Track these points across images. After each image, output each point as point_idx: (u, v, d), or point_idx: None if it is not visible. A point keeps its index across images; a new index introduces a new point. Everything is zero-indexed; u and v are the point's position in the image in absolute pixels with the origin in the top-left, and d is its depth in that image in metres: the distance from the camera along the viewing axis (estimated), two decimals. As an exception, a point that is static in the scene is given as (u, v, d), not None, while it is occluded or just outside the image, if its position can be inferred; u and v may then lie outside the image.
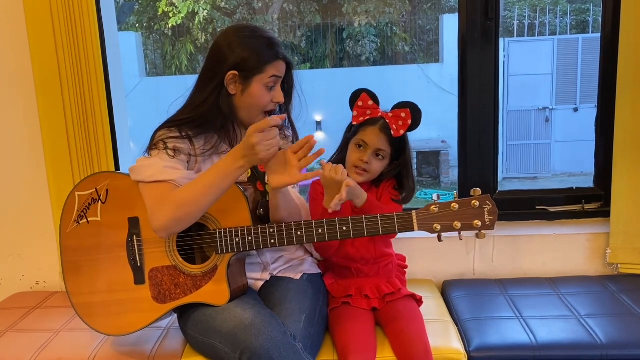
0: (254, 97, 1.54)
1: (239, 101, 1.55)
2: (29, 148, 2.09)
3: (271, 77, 1.53)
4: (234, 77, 1.52)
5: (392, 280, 1.73)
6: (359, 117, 1.67)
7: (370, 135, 1.66)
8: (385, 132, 1.65)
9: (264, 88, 1.53)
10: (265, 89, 1.54)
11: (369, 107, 1.67)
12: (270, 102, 1.56)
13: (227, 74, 1.51)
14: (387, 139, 1.66)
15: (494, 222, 1.38)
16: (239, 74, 1.52)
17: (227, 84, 1.53)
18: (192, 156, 1.56)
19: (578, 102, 7.78)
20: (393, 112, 1.67)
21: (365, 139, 1.66)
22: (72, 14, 1.91)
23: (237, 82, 1.53)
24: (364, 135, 1.67)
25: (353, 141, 1.69)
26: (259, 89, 1.53)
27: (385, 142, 1.66)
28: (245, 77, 1.52)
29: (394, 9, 8.77)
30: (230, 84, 1.53)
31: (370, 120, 1.67)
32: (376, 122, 1.66)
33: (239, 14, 8.99)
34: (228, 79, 1.52)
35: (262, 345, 1.32)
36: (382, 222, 1.42)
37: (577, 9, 8.65)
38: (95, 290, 1.58)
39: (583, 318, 1.72)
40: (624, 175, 1.98)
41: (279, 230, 1.45)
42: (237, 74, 1.52)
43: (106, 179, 1.58)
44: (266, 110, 1.57)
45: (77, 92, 1.95)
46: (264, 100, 1.55)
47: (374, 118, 1.67)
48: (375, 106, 1.68)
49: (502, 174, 7.74)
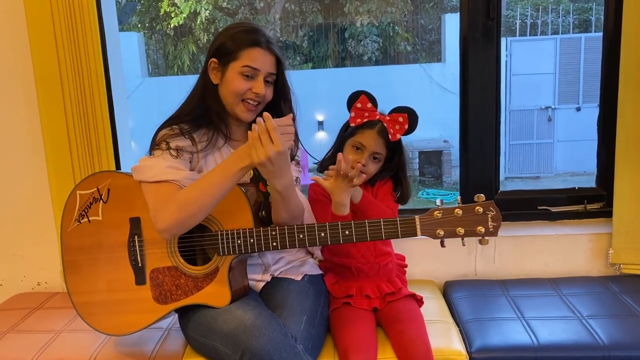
0: (229, 83, 1.54)
1: (221, 90, 1.57)
2: (30, 149, 2.09)
3: (245, 67, 1.52)
4: (214, 65, 1.55)
5: (392, 280, 1.73)
6: (356, 119, 1.68)
7: (368, 139, 1.66)
8: (382, 136, 1.67)
9: (239, 75, 1.53)
10: (241, 76, 1.53)
11: (367, 110, 1.68)
12: (248, 90, 1.54)
13: (208, 62, 1.55)
14: (384, 143, 1.67)
15: (497, 228, 1.38)
16: (218, 61, 1.54)
17: (210, 73, 1.56)
18: (194, 153, 1.56)
19: (580, 102, 7.77)
20: (391, 116, 1.68)
21: (363, 142, 1.67)
22: (72, 15, 1.91)
23: (217, 70, 1.56)
24: (361, 138, 1.67)
25: (350, 142, 1.70)
26: (233, 75, 1.53)
27: (382, 145, 1.67)
28: (223, 63, 1.54)
29: (396, 9, 8.76)
30: (212, 73, 1.56)
31: (368, 123, 1.68)
32: (374, 125, 1.67)
33: (240, 14, 8.99)
34: (210, 67, 1.56)
35: (262, 347, 1.32)
36: (385, 226, 1.42)
37: (580, 8, 8.64)
38: (96, 290, 1.58)
39: (585, 319, 1.71)
40: (626, 175, 1.97)
41: (281, 232, 1.45)
42: (216, 61, 1.55)
43: (108, 178, 1.58)
44: (244, 99, 1.55)
45: (77, 92, 1.95)
46: (238, 87, 1.53)
47: (372, 121, 1.67)
48: (373, 109, 1.69)
49: (504, 174, 7.73)
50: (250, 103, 1.56)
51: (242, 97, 1.55)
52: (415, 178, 7.70)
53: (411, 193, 1.80)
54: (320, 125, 7.93)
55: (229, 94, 1.55)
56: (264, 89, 1.55)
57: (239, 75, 1.53)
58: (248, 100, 1.56)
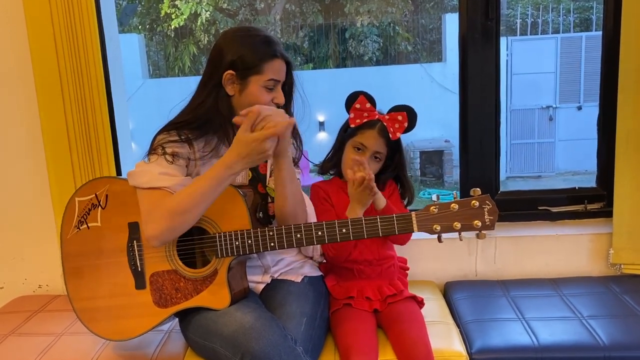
0: (253, 97, 1.51)
1: (237, 102, 1.54)
2: (30, 151, 2.09)
3: (269, 80, 1.52)
4: (231, 77, 1.52)
5: (394, 282, 1.73)
6: (355, 120, 1.68)
7: (369, 139, 1.67)
8: (383, 135, 1.67)
9: (263, 89, 1.52)
10: (265, 89, 1.53)
11: (366, 110, 1.68)
12: (270, 102, 1.54)
13: (224, 74, 1.51)
14: (385, 142, 1.68)
15: (494, 222, 1.38)
16: (236, 73, 1.51)
17: (224, 85, 1.53)
18: (191, 160, 1.55)
19: (582, 101, 7.77)
20: (390, 115, 1.68)
21: (364, 142, 1.67)
22: (72, 17, 1.91)
23: (234, 82, 1.53)
24: (362, 138, 1.67)
25: (350, 143, 1.70)
26: (257, 89, 1.52)
27: (383, 144, 1.68)
28: (243, 76, 1.51)
29: (396, 9, 8.76)
30: (228, 84, 1.53)
31: (368, 123, 1.68)
32: (374, 125, 1.67)
33: (241, 15, 9.00)
34: (225, 79, 1.52)
35: (262, 349, 1.32)
36: (381, 223, 1.41)
37: (580, 7, 8.63)
38: (97, 296, 1.58)
39: (585, 319, 1.71)
40: (626, 174, 1.97)
41: (279, 233, 1.45)
42: (234, 74, 1.51)
43: (105, 184, 1.58)
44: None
45: (77, 94, 1.95)
46: (263, 100, 1.52)
47: (372, 121, 1.68)
48: (372, 109, 1.69)
49: (505, 173, 7.73)
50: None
51: None
52: (417, 178, 7.70)
53: (414, 192, 1.80)
54: (321, 125, 7.93)
55: (249, 106, 1.48)
56: (283, 97, 1.56)
57: (262, 88, 1.52)
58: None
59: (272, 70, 1.52)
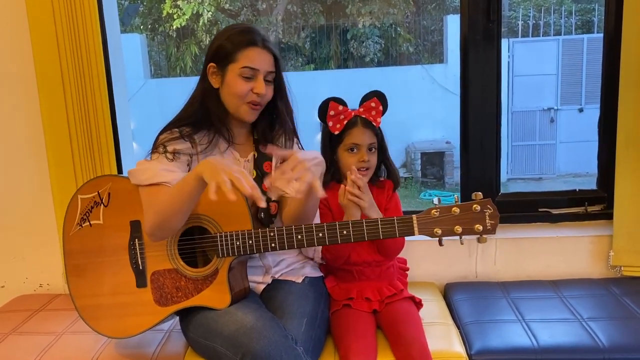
0: (230, 86, 1.54)
1: (222, 94, 1.57)
2: (32, 150, 2.10)
3: (244, 68, 1.52)
4: (213, 69, 1.55)
5: (393, 283, 1.73)
6: (336, 125, 1.70)
7: (357, 136, 1.69)
8: (367, 127, 1.70)
9: (239, 77, 1.53)
10: (241, 78, 1.53)
11: (341, 113, 1.70)
12: (249, 91, 1.54)
13: (207, 67, 1.55)
14: (373, 132, 1.71)
15: (495, 226, 1.38)
16: (217, 65, 1.55)
17: (209, 78, 1.56)
18: (193, 155, 1.56)
19: (583, 103, 7.76)
20: (363, 106, 1.71)
21: (355, 141, 1.69)
22: (74, 16, 1.91)
23: (217, 74, 1.56)
24: (351, 139, 1.69)
25: (342, 148, 1.72)
26: (233, 78, 1.53)
27: (372, 135, 1.71)
28: (222, 66, 1.54)
29: (398, 10, 8.76)
30: (212, 77, 1.56)
31: (348, 123, 1.70)
32: (355, 122, 1.70)
33: (243, 16, 9.01)
34: (209, 72, 1.56)
35: (263, 349, 1.32)
36: (382, 226, 1.42)
37: (582, 9, 8.63)
38: (98, 293, 1.59)
39: (585, 321, 1.71)
40: (626, 177, 1.97)
41: (280, 234, 1.45)
42: (215, 66, 1.55)
43: (108, 182, 1.59)
44: (248, 101, 1.55)
45: (79, 94, 1.96)
46: (239, 89, 1.53)
47: (351, 120, 1.70)
48: (346, 109, 1.71)
49: (507, 175, 7.72)
50: (253, 104, 1.56)
51: (245, 99, 1.55)
52: (418, 179, 7.69)
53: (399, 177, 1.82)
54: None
55: (231, 97, 1.56)
56: (265, 89, 1.55)
57: (238, 77, 1.53)
58: (251, 102, 1.56)
59: (247, 58, 1.52)
